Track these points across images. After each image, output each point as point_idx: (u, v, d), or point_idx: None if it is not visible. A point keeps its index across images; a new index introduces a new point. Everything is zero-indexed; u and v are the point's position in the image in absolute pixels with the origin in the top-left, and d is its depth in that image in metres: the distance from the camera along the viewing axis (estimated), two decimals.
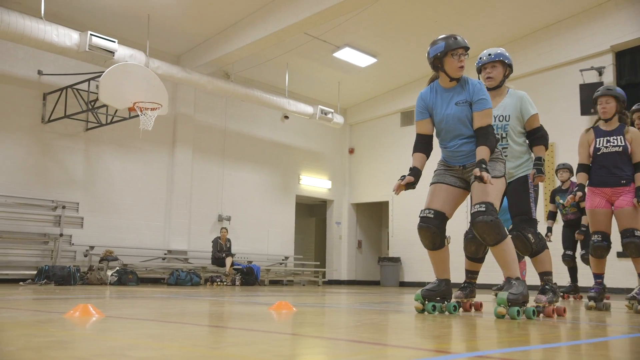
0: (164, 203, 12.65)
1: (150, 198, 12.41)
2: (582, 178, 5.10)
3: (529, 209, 4.23)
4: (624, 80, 11.65)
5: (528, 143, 4.43)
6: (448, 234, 4.03)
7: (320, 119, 14.23)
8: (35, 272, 9.82)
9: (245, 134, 14.43)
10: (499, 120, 4.34)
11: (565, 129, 11.97)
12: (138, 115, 9.91)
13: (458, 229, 4.46)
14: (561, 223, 8.28)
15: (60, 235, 10.60)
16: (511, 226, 4.28)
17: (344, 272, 16.53)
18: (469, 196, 4.10)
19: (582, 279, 8.34)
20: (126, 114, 10.63)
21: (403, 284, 15.21)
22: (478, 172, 3.60)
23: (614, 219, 4.98)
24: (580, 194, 5.01)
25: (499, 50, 4.42)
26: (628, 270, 6.23)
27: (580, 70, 11.89)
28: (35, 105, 10.79)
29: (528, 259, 5.33)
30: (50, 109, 10.75)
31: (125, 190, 11.96)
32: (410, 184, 3.91)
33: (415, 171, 3.98)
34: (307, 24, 10.76)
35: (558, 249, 7.91)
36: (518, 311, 3.61)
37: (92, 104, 10.44)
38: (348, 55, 13.44)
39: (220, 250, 12.30)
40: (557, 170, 8.19)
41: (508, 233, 4.14)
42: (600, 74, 11.84)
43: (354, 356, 2.02)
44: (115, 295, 6.66)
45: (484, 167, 3.64)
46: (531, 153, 4.41)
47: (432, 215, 3.95)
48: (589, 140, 5.09)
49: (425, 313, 3.98)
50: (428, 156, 4.10)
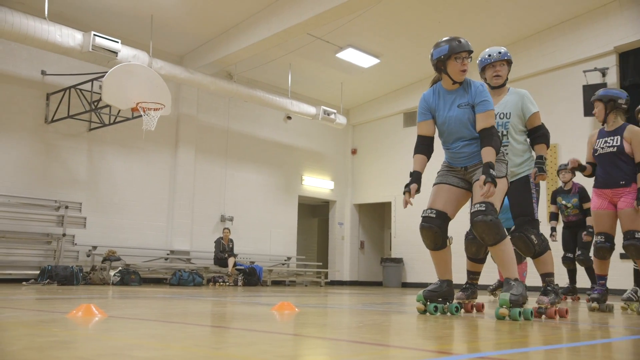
0: (166, 203, 12.66)
1: (153, 198, 12.42)
2: (587, 169, 5.25)
3: (531, 210, 4.22)
4: (627, 81, 11.62)
5: (529, 142, 4.42)
6: (450, 235, 4.03)
7: (323, 120, 14.22)
8: (38, 272, 9.85)
9: (248, 134, 14.44)
10: (500, 118, 4.33)
11: (568, 130, 11.96)
12: (141, 116, 9.92)
13: (460, 229, 4.45)
14: (561, 224, 8.24)
15: (63, 235, 10.63)
16: (513, 227, 4.27)
17: (346, 273, 16.52)
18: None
19: (581, 280, 8.32)
20: (129, 114, 10.65)
21: (405, 285, 15.20)
22: (482, 183, 3.66)
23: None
24: (576, 161, 5.14)
25: (505, 49, 4.42)
26: (631, 272, 6.23)
27: (584, 71, 11.87)
28: (39, 105, 10.82)
29: (529, 260, 5.33)
30: (54, 109, 10.78)
31: (128, 191, 11.98)
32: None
33: (416, 175, 4.00)
34: (310, 25, 10.76)
35: (559, 250, 7.88)
36: (519, 312, 3.61)
37: (95, 104, 10.47)
38: (351, 55, 13.44)
39: (223, 250, 12.31)
40: (559, 171, 8.01)
41: (510, 234, 4.15)
42: (603, 75, 11.81)
43: (356, 357, 2.02)
44: (117, 295, 6.68)
45: (490, 175, 3.66)
46: (532, 152, 4.40)
47: (434, 215, 3.95)
48: (592, 142, 5.18)
49: (427, 314, 3.98)
50: (429, 158, 4.11)
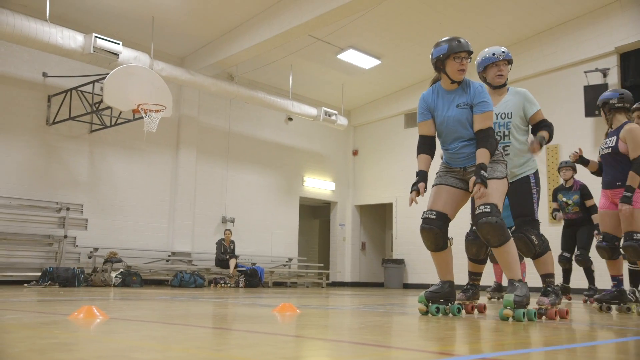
0: (167, 205, 12.67)
1: (154, 200, 12.42)
2: (591, 164, 5.40)
3: (532, 211, 4.21)
4: (628, 81, 11.62)
5: (532, 131, 4.41)
6: (451, 236, 4.03)
7: (324, 121, 14.22)
8: (39, 274, 9.85)
9: (249, 135, 14.44)
10: (501, 118, 4.32)
11: (569, 130, 11.95)
12: (142, 117, 9.93)
13: (460, 230, 4.45)
14: (560, 225, 8.20)
15: (65, 236, 10.63)
16: (514, 227, 4.26)
17: (347, 274, 16.51)
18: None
19: (580, 281, 8.30)
20: (130, 116, 10.66)
21: (407, 286, 15.19)
22: (472, 184, 3.71)
23: None
24: (578, 153, 5.31)
25: (506, 49, 4.42)
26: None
27: (585, 72, 11.87)
28: (40, 107, 10.82)
29: (528, 260, 5.33)
30: (55, 110, 10.79)
31: (129, 192, 11.98)
32: None
33: (423, 175, 4.02)
34: (311, 26, 10.76)
35: (558, 249, 7.86)
36: (523, 313, 3.61)
37: (97, 106, 10.48)
38: (352, 57, 13.44)
39: (224, 252, 12.31)
40: (560, 168, 7.81)
41: (511, 233, 4.14)
42: (604, 75, 11.81)
43: (358, 358, 2.02)
44: (119, 297, 6.68)
45: (481, 176, 3.68)
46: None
47: (434, 217, 3.95)
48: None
49: (429, 315, 3.98)
50: (432, 157, 4.12)
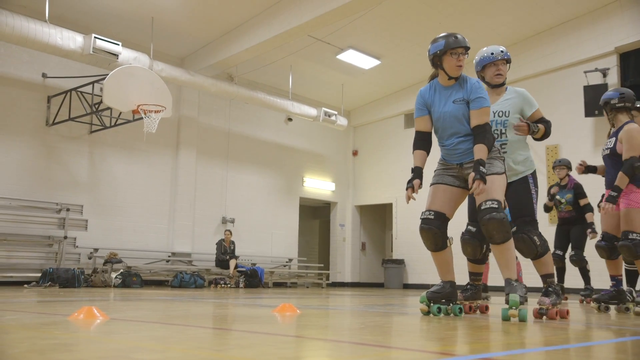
0: (167, 205, 12.66)
1: (154, 200, 12.42)
2: (599, 169, 5.49)
3: (532, 211, 4.21)
4: (628, 81, 11.63)
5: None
6: (450, 235, 4.02)
7: (324, 121, 14.22)
8: (39, 275, 9.85)
9: (249, 136, 14.44)
10: (499, 116, 4.31)
11: (569, 130, 11.96)
12: (142, 118, 9.93)
13: (460, 230, 4.44)
14: (554, 225, 8.18)
15: (65, 237, 10.62)
16: (514, 228, 4.25)
17: (347, 274, 16.51)
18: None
19: (573, 280, 8.30)
20: (130, 117, 10.66)
21: (407, 286, 15.19)
22: (471, 180, 3.68)
23: None
24: (582, 165, 5.45)
25: (505, 48, 4.42)
26: (632, 273, 6.27)
27: (585, 72, 11.87)
28: (40, 108, 10.82)
29: (523, 260, 5.32)
30: (55, 111, 10.79)
31: (129, 193, 11.98)
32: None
33: (418, 171, 4.01)
34: (311, 26, 10.76)
35: (551, 247, 7.87)
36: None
37: (96, 106, 10.47)
38: (352, 57, 13.44)
39: (224, 252, 12.31)
40: (554, 167, 7.69)
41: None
42: (604, 75, 11.81)
43: (358, 359, 2.02)
44: (119, 297, 6.67)
45: (479, 172, 3.67)
46: (530, 151, 4.40)
47: (433, 217, 3.95)
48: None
49: (431, 315, 3.97)
50: (428, 153, 4.11)
